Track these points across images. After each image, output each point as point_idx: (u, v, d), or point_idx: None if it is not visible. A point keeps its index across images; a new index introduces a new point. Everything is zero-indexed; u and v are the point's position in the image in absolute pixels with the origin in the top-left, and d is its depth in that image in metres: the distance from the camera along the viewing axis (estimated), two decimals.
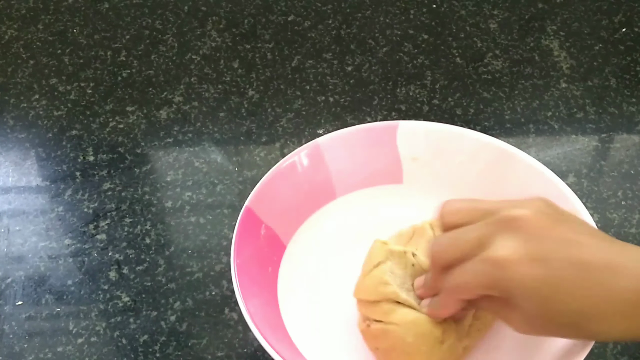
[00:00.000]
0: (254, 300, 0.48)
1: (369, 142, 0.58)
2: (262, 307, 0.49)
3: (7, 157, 0.67)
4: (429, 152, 0.57)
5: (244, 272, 0.49)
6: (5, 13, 0.82)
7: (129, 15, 0.81)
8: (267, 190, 0.54)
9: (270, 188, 0.54)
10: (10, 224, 0.62)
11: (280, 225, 0.55)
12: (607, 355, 0.52)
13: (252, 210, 0.53)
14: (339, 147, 0.57)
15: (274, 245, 0.54)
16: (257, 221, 0.53)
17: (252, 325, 0.45)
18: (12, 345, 0.54)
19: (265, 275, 0.52)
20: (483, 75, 0.73)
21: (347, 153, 0.58)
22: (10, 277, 0.58)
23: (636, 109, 0.69)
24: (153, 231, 0.61)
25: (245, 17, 0.80)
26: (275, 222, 0.54)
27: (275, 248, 0.54)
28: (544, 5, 0.81)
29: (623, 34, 0.77)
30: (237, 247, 0.50)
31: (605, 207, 0.61)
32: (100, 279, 0.57)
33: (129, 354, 0.53)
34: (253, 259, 0.51)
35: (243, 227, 0.52)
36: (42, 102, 0.72)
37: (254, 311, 0.47)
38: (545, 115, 0.69)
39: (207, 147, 0.67)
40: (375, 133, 0.58)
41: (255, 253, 0.52)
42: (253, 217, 0.53)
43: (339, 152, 0.57)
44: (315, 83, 0.72)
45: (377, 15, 0.80)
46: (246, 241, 0.51)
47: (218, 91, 0.72)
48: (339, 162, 0.58)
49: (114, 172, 0.65)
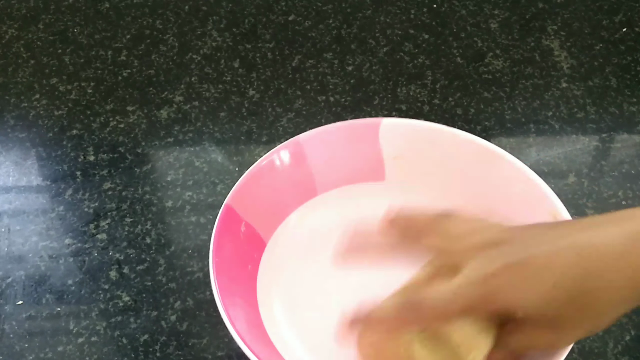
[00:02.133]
0: (232, 299, 0.48)
1: (350, 139, 0.57)
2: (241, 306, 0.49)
3: (7, 156, 0.67)
4: (411, 149, 0.57)
5: (223, 271, 0.49)
6: (6, 13, 0.82)
7: (129, 15, 0.81)
8: (248, 187, 0.54)
9: (251, 185, 0.54)
10: (10, 224, 0.62)
11: (260, 223, 0.55)
12: (608, 356, 0.52)
13: (231, 207, 0.52)
14: (321, 144, 0.57)
15: (254, 242, 0.54)
16: (237, 219, 0.53)
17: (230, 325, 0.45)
18: (13, 344, 0.54)
19: (245, 273, 0.52)
20: (484, 75, 0.73)
21: (329, 150, 0.57)
22: (10, 277, 0.58)
23: (637, 108, 0.69)
24: (153, 231, 0.61)
25: (246, 17, 0.80)
26: (256, 220, 0.54)
27: (256, 246, 0.54)
28: (545, 5, 0.81)
29: (624, 33, 0.77)
30: (216, 245, 0.50)
31: (605, 207, 0.61)
32: (101, 278, 0.58)
33: (129, 353, 0.53)
34: (233, 257, 0.51)
35: (222, 225, 0.51)
36: (42, 101, 0.72)
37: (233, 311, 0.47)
38: (546, 115, 0.69)
39: (207, 147, 0.67)
40: (357, 130, 0.58)
41: (235, 251, 0.52)
42: (233, 214, 0.52)
43: (321, 149, 0.57)
44: (316, 83, 0.72)
45: (377, 15, 0.80)
46: (226, 239, 0.51)
47: (218, 91, 0.72)
48: (320, 159, 0.57)
49: (115, 171, 0.65)
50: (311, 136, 0.57)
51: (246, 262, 0.53)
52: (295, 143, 0.56)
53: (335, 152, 0.57)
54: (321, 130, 0.57)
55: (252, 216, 0.54)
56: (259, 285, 0.53)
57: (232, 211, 0.52)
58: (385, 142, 0.57)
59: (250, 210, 0.54)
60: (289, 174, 0.56)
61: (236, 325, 0.45)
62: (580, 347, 0.52)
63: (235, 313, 0.47)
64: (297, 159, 0.57)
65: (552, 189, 0.51)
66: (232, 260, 0.51)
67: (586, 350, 0.52)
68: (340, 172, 0.58)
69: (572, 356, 0.52)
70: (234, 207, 0.53)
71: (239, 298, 0.50)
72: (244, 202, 0.53)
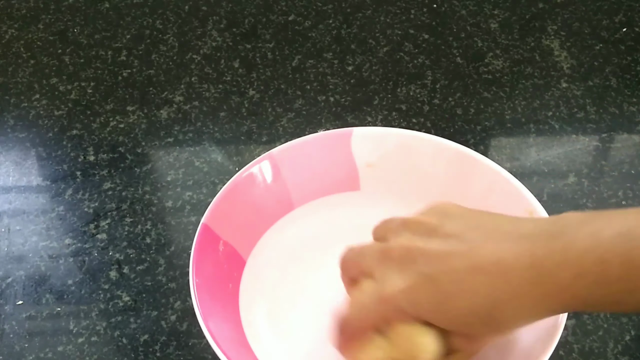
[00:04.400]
0: (215, 318, 0.47)
1: (324, 151, 0.57)
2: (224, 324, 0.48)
3: (7, 156, 0.67)
4: (384, 157, 0.57)
5: (204, 291, 0.48)
6: (6, 13, 0.82)
7: (129, 14, 0.81)
8: (223, 206, 0.53)
9: (226, 203, 0.53)
10: (10, 224, 0.62)
11: (238, 241, 0.54)
12: (608, 356, 0.52)
13: (208, 227, 0.52)
14: (294, 157, 0.56)
15: (234, 261, 0.53)
16: (215, 238, 0.52)
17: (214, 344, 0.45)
18: (13, 344, 0.54)
19: (226, 292, 0.51)
20: (484, 75, 0.73)
21: (303, 162, 0.57)
22: (10, 277, 0.58)
23: (637, 108, 0.69)
24: (153, 231, 0.61)
25: (246, 17, 0.80)
26: (234, 238, 0.53)
27: (235, 264, 0.53)
28: (545, 5, 0.81)
29: (624, 33, 0.77)
30: (195, 265, 0.49)
31: (605, 207, 0.61)
32: (101, 278, 0.58)
33: (129, 353, 0.53)
34: (213, 277, 0.50)
35: (200, 245, 0.51)
36: (42, 101, 0.72)
37: (216, 329, 0.46)
38: (546, 115, 0.69)
39: (207, 147, 0.67)
40: (329, 141, 0.57)
41: (215, 270, 0.51)
42: (210, 233, 0.52)
43: (295, 162, 0.56)
44: (316, 83, 0.72)
45: (377, 15, 0.80)
46: (205, 259, 0.50)
47: (218, 91, 0.72)
48: (295, 173, 0.57)
49: (115, 171, 0.65)
50: (284, 149, 0.56)
51: (227, 281, 0.52)
52: (268, 158, 0.56)
53: (310, 165, 0.57)
54: (294, 144, 0.56)
55: (229, 234, 0.53)
56: (240, 303, 0.52)
57: (209, 230, 0.52)
58: (358, 152, 0.57)
59: (228, 228, 0.53)
60: (264, 190, 0.56)
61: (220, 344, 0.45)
62: (580, 347, 0.52)
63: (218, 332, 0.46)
64: (272, 174, 0.56)
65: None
66: (212, 279, 0.50)
67: (586, 350, 0.52)
68: (315, 184, 0.57)
69: (572, 356, 0.52)
70: (211, 226, 0.52)
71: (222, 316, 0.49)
72: (220, 221, 0.52)
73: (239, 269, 0.54)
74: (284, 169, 0.56)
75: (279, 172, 0.56)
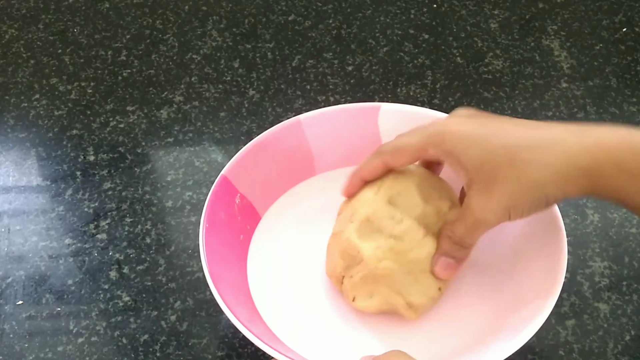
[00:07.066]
0: (218, 259, 0.50)
1: (350, 121, 0.59)
2: (226, 271, 0.50)
3: (7, 156, 0.67)
4: None
5: (213, 235, 0.50)
6: (6, 13, 0.82)
7: (129, 14, 0.81)
8: (245, 161, 0.55)
9: (249, 159, 0.55)
10: (10, 224, 0.62)
11: (256, 196, 0.56)
12: (608, 356, 0.52)
13: (227, 179, 0.54)
14: (321, 125, 0.58)
15: (249, 214, 0.55)
16: (233, 190, 0.54)
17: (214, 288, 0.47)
18: (13, 344, 0.54)
19: (237, 242, 0.54)
20: (484, 75, 0.73)
21: (329, 131, 0.59)
22: (10, 277, 0.58)
23: (637, 108, 0.69)
24: (153, 231, 0.61)
25: (246, 17, 0.80)
26: (252, 193, 0.56)
27: (250, 218, 0.55)
28: (545, 5, 0.81)
29: (624, 33, 0.77)
30: (208, 211, 0.51)
31: (605, 206, 0.61)
32: (101, 278, 0.58)
33: (129, 353, 0.53)
34: (224, 225, 0.52)
35: (216, 194, 0.53)
36: (42, 101, 0.72)
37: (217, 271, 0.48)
38: (546, 115, 0.69)
39: (207, 147, 0.67)
40: (357, 113, 0.59)
41: (228, 220, 0.53)
42: (228, 185, 0.54)
43: (321, 130, 0.58)
44: (316, 83, 0.72)
45: (377, 15, 0.80)
46: (219, 207, 0.52)
47: (218, 91, 0.72)
48: (320, 139, 0.58)
49: (115, 171, 0.65)
50: (312, 116, 0.58)
51: (238, 231, 0.54)
52: (295, 122, 0.58)
53: (336, 133, 0.59)
54: (322, 111, 0.59)
55: (248, 189, 0.55)
56: (249, 255, 0.54)
57: (228, 182, 0.54)
58: (384, 126, 0.58)
59: (247, 183, 0.55)
60: (288, 151, 0.57)
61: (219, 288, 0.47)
62: (580, 347, 0.52)
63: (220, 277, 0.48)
64: (297, 138, 0.58)
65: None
66: (223, 227, 0.52)
67: (586, 350, 0.52)
68: (339, 153, 0.59)
69: (572, 356, 0.52)
70: (230, 178, 0.54)
71: (227, 264, 0.51)
72: (241, 175, 0.55)
73: (254, 223, 0.56)
74: (310, 134, 0.58)
75: (304, 136, 0.58)
